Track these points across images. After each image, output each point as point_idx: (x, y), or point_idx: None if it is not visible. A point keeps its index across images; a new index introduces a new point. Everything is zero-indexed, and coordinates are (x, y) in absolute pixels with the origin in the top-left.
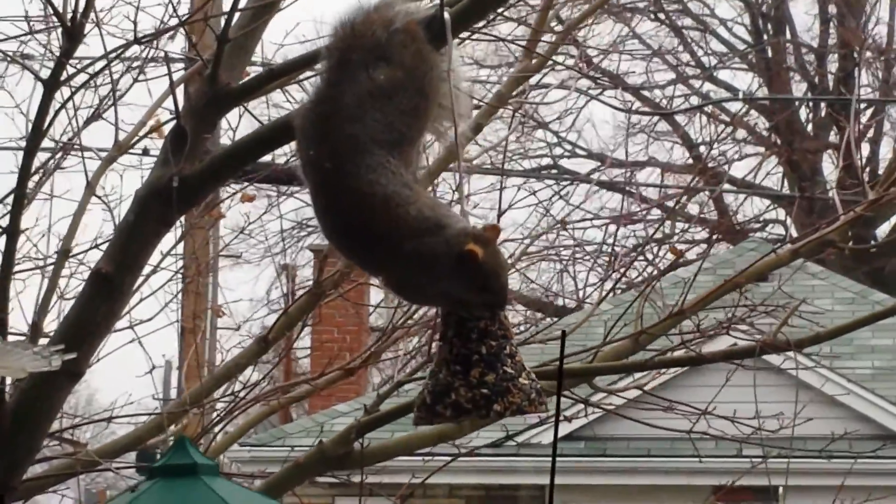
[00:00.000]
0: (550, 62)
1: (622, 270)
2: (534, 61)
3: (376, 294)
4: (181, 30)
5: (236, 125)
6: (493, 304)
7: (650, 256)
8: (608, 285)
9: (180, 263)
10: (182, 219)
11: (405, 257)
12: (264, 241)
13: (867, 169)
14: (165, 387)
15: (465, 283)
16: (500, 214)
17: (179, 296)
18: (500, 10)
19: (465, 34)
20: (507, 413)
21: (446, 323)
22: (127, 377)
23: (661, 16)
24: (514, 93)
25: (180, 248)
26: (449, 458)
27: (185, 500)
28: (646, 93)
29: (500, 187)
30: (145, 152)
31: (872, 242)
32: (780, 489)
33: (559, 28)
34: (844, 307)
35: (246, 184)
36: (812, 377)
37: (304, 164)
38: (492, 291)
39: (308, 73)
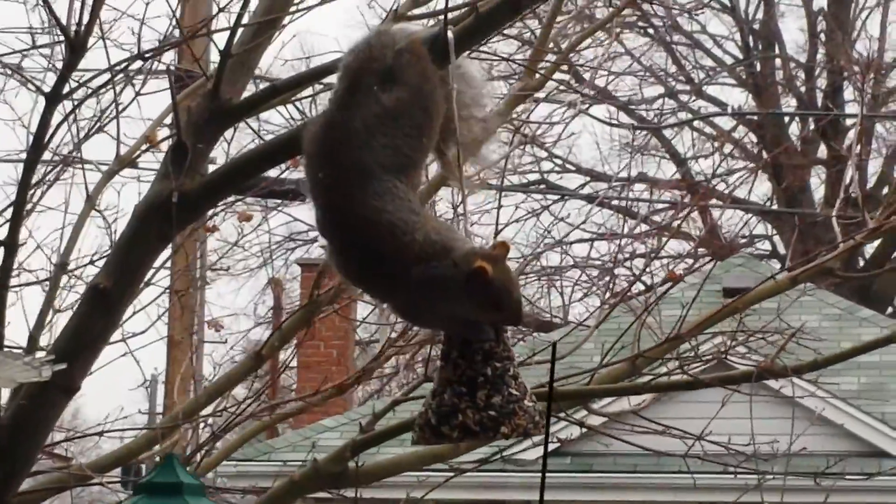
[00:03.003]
0: (552, 81)
1: (622, 293)
2: (534, 80)
3: (363, 309)
4: (182, 45)
5: (230, 140)
6: (508, 321)
7: (643, 274)
8: (601, 304)
9: (170, 277)
10: None
11: (414, 283)
12: (252, 255)
13: (852, 184)
14: (151, 401)
15: (476, 303)
16: (496, 232)
17: (168, 310)
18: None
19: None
20: (512, 435)
21: (450, 343)
22: (112, 391)
23: (652, 31)
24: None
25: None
26: (444, 478)
27: None
28: (634, 107)
29: (497, 206)
30: (132, 164)
31: (869, 272)
32: None
33: (557, 41)
34: (832, 323)
35: (238, 198)
36: (808, 399)
37: (313, 188)
38: (505, 309)
39: (310, 91)
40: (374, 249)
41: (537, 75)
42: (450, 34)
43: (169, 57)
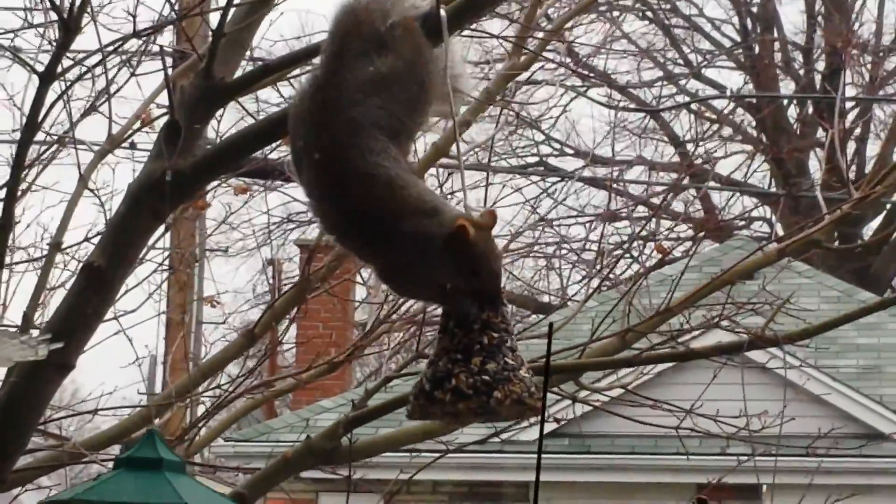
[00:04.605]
0: (539, 59)
1: (608, 268)
2: (522, 59)
3: (361, 290)
4: (176, 24)
5: (220, 117)
6: (484, 290)
7: (636, 254)
8: (594, 283)
9: (165, 255)
10: None
11: (402, 239)
12: (250, 235)
13: (853, 167)
14: (150, 379)
15: (455, 265)
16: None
17: (164, 287)
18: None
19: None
20: (506, 402)
21: (447, 315)
22: (109, 369)
23: (650, 14)
24: (502, 90)
25: (166, 239)
26: (436, 455)
27: (142, 493)
28: (633, 90)
29: (485, 183)
30: (132, 146)
31: (858, 242)
32: (764, 487)
33: (546, 25)
34: (830, 306)
35: (233, 176)
36: (797, 375)
37: (300, 150)
38: (482, 277)
39: (302, 69)
40: (368, 204)
41: (524, 53)
42: (442, 12)
43: (168, 38)
